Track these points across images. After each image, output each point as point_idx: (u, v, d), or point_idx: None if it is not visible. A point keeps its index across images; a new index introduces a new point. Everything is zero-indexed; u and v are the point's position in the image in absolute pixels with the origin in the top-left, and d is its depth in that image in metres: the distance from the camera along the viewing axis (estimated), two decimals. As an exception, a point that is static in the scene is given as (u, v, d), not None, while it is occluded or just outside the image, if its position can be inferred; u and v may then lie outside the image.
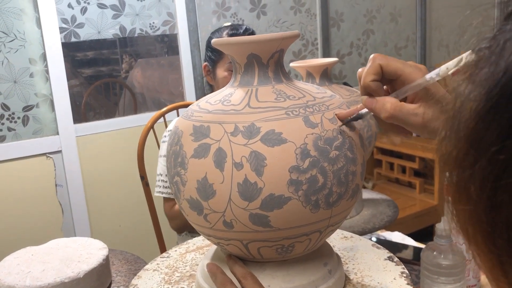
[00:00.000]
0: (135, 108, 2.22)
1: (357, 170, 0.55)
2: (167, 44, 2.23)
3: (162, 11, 2.07)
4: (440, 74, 0.46)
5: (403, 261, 1.00)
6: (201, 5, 2.15)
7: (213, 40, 0.56)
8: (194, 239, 0.78)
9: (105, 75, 2.21)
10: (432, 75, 0.47)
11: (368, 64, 0.50)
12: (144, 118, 1.94)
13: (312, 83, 1.00)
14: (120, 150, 1.96)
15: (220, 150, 0.50)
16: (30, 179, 1.82)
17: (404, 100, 0.50)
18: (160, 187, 1.25)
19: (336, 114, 0.54)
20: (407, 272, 0.64)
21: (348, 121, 0.54)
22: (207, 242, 0.76)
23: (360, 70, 0.52)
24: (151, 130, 1.44)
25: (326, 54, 2.50)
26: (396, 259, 0.67)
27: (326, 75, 0.99)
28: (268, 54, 0.56)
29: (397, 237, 1.07)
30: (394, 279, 0.62)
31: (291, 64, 1.01)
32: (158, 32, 2.09)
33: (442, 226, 0.74)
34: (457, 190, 0.23)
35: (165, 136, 1.29)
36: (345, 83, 2.60)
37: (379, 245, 0.71)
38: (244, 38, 0.55)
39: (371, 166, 2.69)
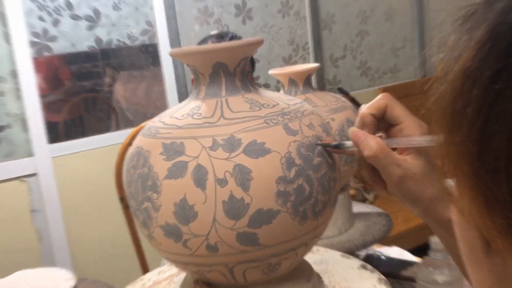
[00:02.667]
0: (118, 124, 2.22)
1: (336, 176, 0.57)
2: (152, 54, 2.23)
3: (140, 20, 2.08)
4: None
5: (411, 280, 0.98)
6: (182, 12, 2.16)
7: (170, 51, 0.56)
8: (148, 274, 0.76)
9: (87, 91, 2.21)
10: (428, 138, 0.47)
11: (375, 99, 0.52)
12: (126, 135, 1.93)
13: (295, 91, 1.01)
14: (101, 170, 1.94)
15: (200, 167, 0.49)
16: (3, 205, 1.81)
17: (393, 150, 0.51)
18: None
19: (321, 140, 0.55)
20: (385, 278, 0.65)
21: (326, 146, 0.54)
22: (165, 275, 0.75)
23: (363, 104, 0.53)
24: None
25: (318, 59, 2.51)
26: (370, 266, 0.68)
27: (309, 82, 0.99)
28: (235, 62, 0.57)
29: (395, 252, 1.06)
30: (374, 286, 0.63)
31: (271, 72, 1.01)
32: (137, 43, 2.09)
33: (437, 240, 0.73)
34: (451, 122, 0.25)
35: None
36: (339, 89, 2.61)
37: (348, 255, 0.72)
38: (209, 47, 0.55)
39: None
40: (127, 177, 0.56)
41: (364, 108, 0.51)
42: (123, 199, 1.43)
